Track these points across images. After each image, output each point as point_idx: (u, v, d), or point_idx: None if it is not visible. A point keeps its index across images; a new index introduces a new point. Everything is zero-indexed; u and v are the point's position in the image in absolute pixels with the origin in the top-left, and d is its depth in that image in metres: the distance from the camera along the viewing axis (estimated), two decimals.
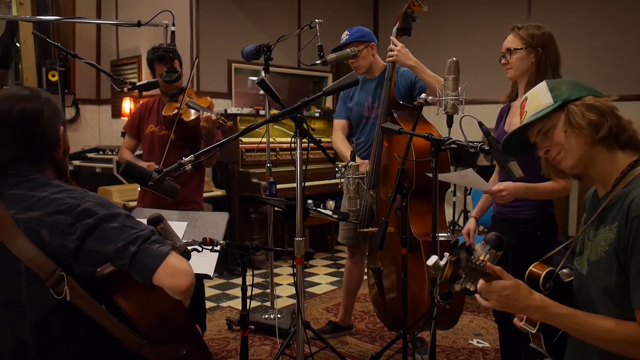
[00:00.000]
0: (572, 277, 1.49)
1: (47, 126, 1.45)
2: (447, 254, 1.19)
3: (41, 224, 1.35)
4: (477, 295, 1.32)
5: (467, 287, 1.23)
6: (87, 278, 1.37)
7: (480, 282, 1.27)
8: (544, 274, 1.43)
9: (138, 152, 4.17)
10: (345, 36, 3.02)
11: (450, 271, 1.18)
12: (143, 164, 2.79)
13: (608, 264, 1.29)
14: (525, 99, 1.46)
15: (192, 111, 2.87)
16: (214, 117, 2.77)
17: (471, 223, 2.47)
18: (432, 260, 1.20)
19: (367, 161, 2.96)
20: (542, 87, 1.44)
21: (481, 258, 1.23)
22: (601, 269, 1.31)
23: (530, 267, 1.47)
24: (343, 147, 3.13)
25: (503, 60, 2.25)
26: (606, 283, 1.30)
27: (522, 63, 2.20)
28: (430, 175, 2.09)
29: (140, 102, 3.30)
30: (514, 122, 2.23)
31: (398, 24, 2.78)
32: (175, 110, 2.89)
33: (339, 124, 3.23)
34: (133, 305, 1.39)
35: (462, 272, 1.21)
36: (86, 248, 1.35)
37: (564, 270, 1.50)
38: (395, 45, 2.74)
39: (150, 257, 1.35)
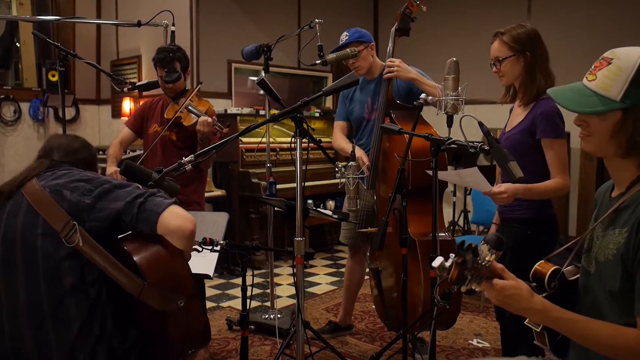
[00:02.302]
0: (576, 275, 1.47)
1: (89, 156, 1.82)
2: (453, 255, 1.17)
3: (64, 187, 1.59)
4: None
5: (473, 287, 1.21)
6: (94, 233, 1.56)
7: None
8: (549, 272, 1.41)
9: (134, 153, 4.15)
10: (344, 37, 3.02)
11: (456, 273, 1.16)
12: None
13: (614, 268, 1.28)
14: (608, 61, 1.29)
15: (192, 116, 2.88)
16: (210, 121, 2.77)
17: (492, 230, 2.46)
18: (437, 261, 1.17)
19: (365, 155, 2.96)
20: (628, 67, 1.25)
21: (487, 259, 1.21)
22: (608, 271, 1.31)
23: (535, 266, 1.45)
24: (344, 143, 3.12)
25: (494, 69, 2.23)
26: (611, 285, 1.29)
27: (514, 69, 2.18)
28: (430, 172, 2.08)
29: (145, 100, 3.29)
30: (514, 122, 2.24)
31: (396, 24, 2.78)
32: (176, 113, 2.90)
33: (339, 125, 3.24)
34: (145, 257, 1.55)
35: (468, 273, 1.19)
36: (100, 206, 1.57)
37: (569, 268, 1.48)
38: (393, 62, 2.76)
39: (156, 204, 1.57)
